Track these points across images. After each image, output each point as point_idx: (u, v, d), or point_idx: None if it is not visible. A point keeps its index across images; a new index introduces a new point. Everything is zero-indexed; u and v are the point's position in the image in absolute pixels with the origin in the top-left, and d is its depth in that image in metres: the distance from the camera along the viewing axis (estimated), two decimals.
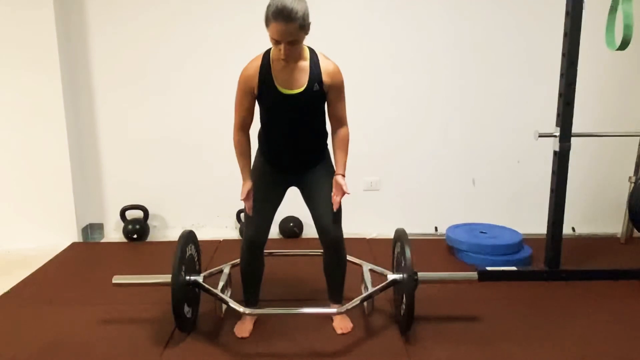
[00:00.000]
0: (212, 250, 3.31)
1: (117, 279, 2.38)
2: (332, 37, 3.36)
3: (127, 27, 3.46)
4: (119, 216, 3.64)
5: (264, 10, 1.89)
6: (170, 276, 2.14)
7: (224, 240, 3.51)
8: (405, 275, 2.20)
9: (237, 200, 2.26)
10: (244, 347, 2.20)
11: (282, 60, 1.96)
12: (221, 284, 2.37)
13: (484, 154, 3.66)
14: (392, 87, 3.57)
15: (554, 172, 2.81)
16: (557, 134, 2.74)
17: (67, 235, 3.56)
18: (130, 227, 3.59)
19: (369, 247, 3.39)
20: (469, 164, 3.68)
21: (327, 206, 2.16)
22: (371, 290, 2.29)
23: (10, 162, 3.47)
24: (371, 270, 2.53)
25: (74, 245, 3.51)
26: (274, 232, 3.67)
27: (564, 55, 2.69)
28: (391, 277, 2.33)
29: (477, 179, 3.71)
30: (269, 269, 2.43)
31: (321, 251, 2.33)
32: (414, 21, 3.48)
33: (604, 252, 3.30)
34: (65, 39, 3.42)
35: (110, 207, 3.71)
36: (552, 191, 2.85)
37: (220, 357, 2.13)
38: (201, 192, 3.68)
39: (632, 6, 2.54)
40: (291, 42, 1.90)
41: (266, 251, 2.69)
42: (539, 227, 3.09)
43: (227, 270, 2.52)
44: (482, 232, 3.30)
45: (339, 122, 2.18)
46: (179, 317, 2.16)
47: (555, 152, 2.78)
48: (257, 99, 2.11)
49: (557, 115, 2.76)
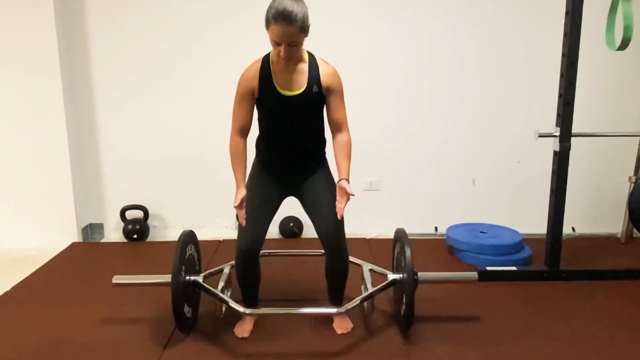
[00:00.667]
0: (212, 250, 3.30)
1: (117, 279, 2.38)
2: (332, 37, 3.37)
3: (127, 27, 3.46)
4: (119, 216, 3.64)
5: (264, 10, 1.89)
6: (170, 276, 2.14)
7: (224, 240, 3.51)
8: (405, 275, 2.20)
9: None
10: (244, 347, 2.20)
11: (283, 60, 1.96)
12: (221, 284, 2.37)
13: (484, 154, 3.66)
14: (392, 88, 3.57)
15: (554, 172, 2.81)
16: (557, 134, 2.74)
17: (67, 235, 3.56)
18: (130, 227, 3.59)
19: (369, 247, 3.39)
20: (469, 164, 3.68)
21: (329, 213, 2.14)
22: (371, 290, 2.28)
23: (10, 162, 3.47)
24: (371, 270, 2.53)
25: (74, 245, 3.51)
26: (274, 232, 3.67)
27: (564, 55, 2.69)
28: (391, 277, 2.33)
29: (477, 179, 3.71)
30: (269, 269, 2.43)
31: (321, 251, 2.33)
32: (414, 21, 3.48)
33: (604, 252, 3.30)
34: (65, 39, 3.42)
35: (110, 207, 3.71)
36: (552, 191, 2.85)
37: (220, 357, 2.13)
38: (201, 192, 3.68)
39: (632, 6, 2.54)
40: (291, 44, 1.90)
41: (266, 251, 2.69)
42: (539, 227, 3.08)
43: (227, 270, 2.51)
44: (482, 232, 3.30)
45: (338, 127, 2.13)
46: (179, 317, 2.16)
47: (555, 152, 2.78)
48: (257, 101, 2.10)
49: (557, 115, 2.76)
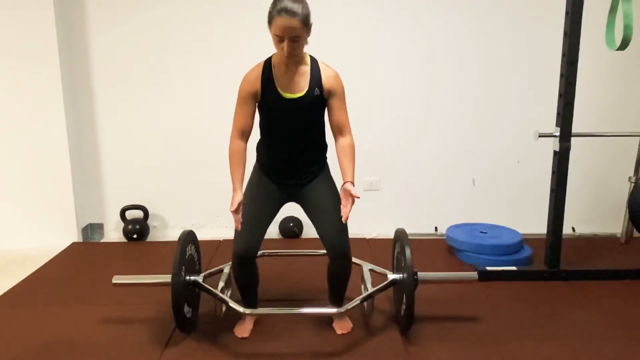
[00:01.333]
0: (212, 250, 3.30)
1: (117, 279, 2.38)
2: (332, 37, 3.37)
3: (127, 27, 3.46)
4: (119, 216, 3.64)
5: (265, 12, 1.90)
6: (170, 276, 2.14)
7: (224, 240, 3.51)
8: (405, 275, 2.21)
9: None
10: (244, 347, 2.20)
11: (285, 58, 1.95)
12: (221, 284, 2.37)
13: (484, 154, 3.66)
14: (392, 88, 3.57)
15: (554, 172, 2.81)
16: (557, 134, 2.74)
17: (67, 235, 3.56)
18: (130, 227, 3.59)
19: (369, 247, 3.39)
20: (469, 164, 3.68)
21: (332, 219, 2.12)
22: (371, 290, 2.28)
23: (10, 162, 3.47)
24: (371, 270, 2.53)
25: (74, 245, 3.51)
26: (274, 232, 3.67)
27: (564, 55, 2.69)
28: (391, 277, 2.33)
29: (477, 179, 3.71)
30: (269, 269, 2.43)
31: (321, 251, 2.33)
32: (413, 22, 3.48)
33: (604, 252, 3.30)
34: (65, 39, 3.42)
35: (110, 207, 3.71)
36: (552, 191, 2.85)
37: (220, 357, 2.13)
38: (201, 192, 3.68)
39: (632, 6, 2.54)
40: (294, 39, 1.90)
41: (266, 251, 2.70)
42: (539, 227, 3.08)
43: (227, 270, 2.51)
44: (482, 232, 3.30)
45: (340, 130, 2.12)
46: (179, 317, 2.16)
47: (555, 152, 2.78)
48: (258, 105, 2.10)
49: (557, 115, 2.76)
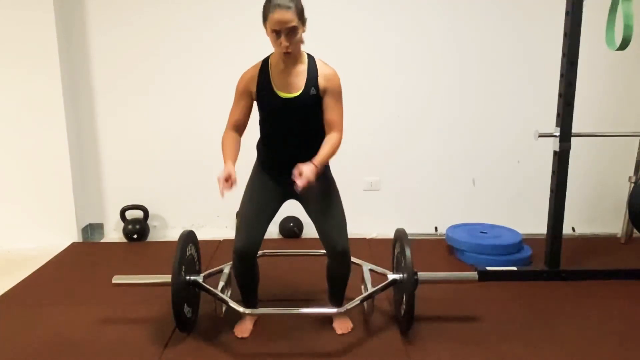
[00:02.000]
0: (212, 250, 3.30)
1: (117, 279, 2.38)
2: (332, 37, 3.37)
3: (127, 27, 3.46)
4: (119, 216, 3.64)
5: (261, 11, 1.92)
6: (170, 276, 2.14)
7: (224, 240, 3.51)
8: (405, 275, 2.20)
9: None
10: (244, 347, 2.20)
11: (283, 54, 1.96)
12: (221, 284, 2.37)
13: (484, 154, 3.66)
14: (392, 88, 3.57)
15: (554, 172, 2.81)
16: (557, 134, 2.74)
17: (67, 235, 3.56)
18: (130, 227, 3.59)
19: (369, 247, 3.38)
20: (469, 164, 3.68)
21: (333, 219, 2.15)
22: (371, 290, 2.28)
23: (10, 162, 3.47)
24: (371, 270, 2.53)
25: (74, 245, 3.51)
26: (274, 232, 3.67)
27: (564, 55, 2.69)
28: (391, 277, 2.33)
29: (477, 179, 3.71)
30: (269, 269, 2.43)
31: (321, 251, 2.33)
32: (413, 22, 3.48)
33: (604, 252, 3.29)
34: (65, 39, 3.42)
35: (110, 207, 3.71)
36: (552, 191, 2.85)
37: (220, 357, 2.13)
38: (201, 192, 3.67)
39: (632, 6, 2.54)
40: (290, 31, 1.91)
41: (266, 251, 2.69)
42: (539, 227, 3.08)
43: (227, 270, 2.51)
44: (482, 232, 3.30)
45: (331, 127, 2.11)
46: (179, 317, 2.16)
47: (555, 152, 2.78)
48: (257, 103, 2.12)
49: (557, 115, 2.76)
